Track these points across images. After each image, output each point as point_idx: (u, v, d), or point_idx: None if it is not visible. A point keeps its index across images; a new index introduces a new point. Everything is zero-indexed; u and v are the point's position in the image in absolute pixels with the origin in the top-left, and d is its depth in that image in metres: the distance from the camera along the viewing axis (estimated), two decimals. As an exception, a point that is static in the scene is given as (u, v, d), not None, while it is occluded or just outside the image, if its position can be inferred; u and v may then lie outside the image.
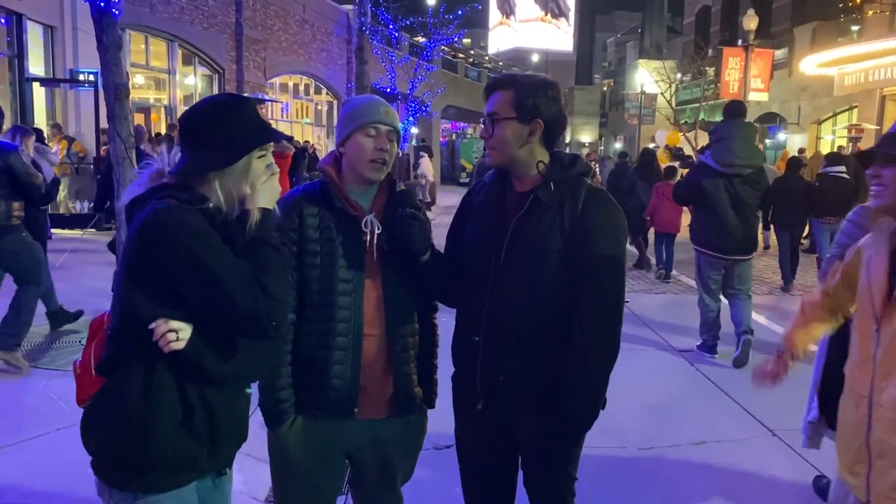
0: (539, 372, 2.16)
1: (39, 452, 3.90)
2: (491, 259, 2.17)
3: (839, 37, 23.25)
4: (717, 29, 34.02)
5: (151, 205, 1.71)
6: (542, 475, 2.29)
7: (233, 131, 1.74)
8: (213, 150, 1.73)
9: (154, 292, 1.68)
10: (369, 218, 2.16)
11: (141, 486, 1.78)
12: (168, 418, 1.74)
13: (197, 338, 1.71)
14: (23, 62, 13.31)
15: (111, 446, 1.77)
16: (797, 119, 25.26)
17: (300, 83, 27.49)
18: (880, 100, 20.89)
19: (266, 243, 1.75)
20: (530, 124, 2.13)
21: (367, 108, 2.17)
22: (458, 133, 45.39)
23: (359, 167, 2.15)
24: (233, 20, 21.10)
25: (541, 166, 2.16)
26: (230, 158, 1.74)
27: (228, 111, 1.77)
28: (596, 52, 59.92)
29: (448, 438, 2.50)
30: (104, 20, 5.44)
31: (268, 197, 1.81)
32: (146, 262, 1.68)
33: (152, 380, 1.72)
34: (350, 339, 2.13)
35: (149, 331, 1.68)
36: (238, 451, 2.03)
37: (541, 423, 2.19)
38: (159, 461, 1.76)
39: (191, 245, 1.64)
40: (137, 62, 17.91)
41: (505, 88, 2.16)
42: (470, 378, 2.27)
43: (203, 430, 1.79)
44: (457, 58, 42.06)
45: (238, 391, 1.91)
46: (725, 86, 24.06)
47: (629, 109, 35.69)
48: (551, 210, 2.13)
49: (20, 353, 5.28)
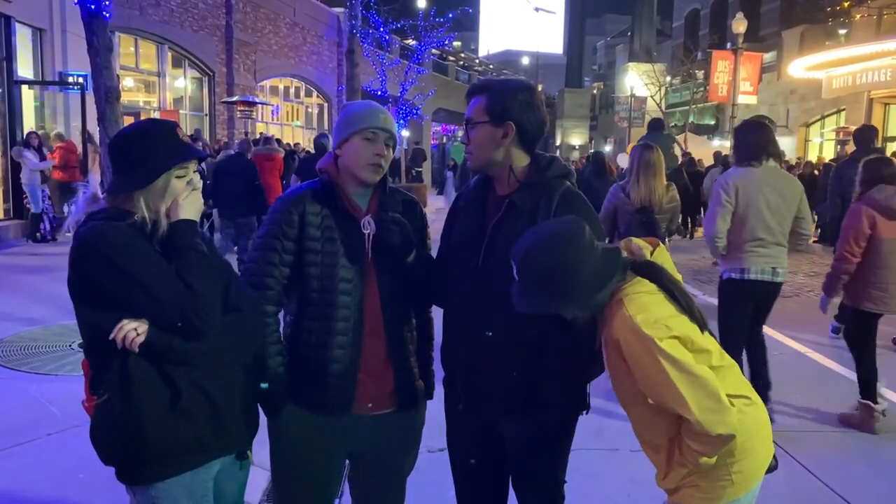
0: (517, 374, 2.18)
1: (30, 458, 3.87)
2: (471, 262, 2.21)
3: (827, 40, 23.43)
4: (707, 32, 34.22)
5: (79, 229, 1.89)
6: (529, 479, 2.31)
7: (150, 153, 1.90)
8: (134, 171, 1.90)
9: (99, 304, 1.83)
10: (367, 219, 2.21)
11: (151, 475, 1.89)
12: (153, 405, 1.83)
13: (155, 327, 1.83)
14: (11, 64, 13.21)
15: (112, 448, 1.88)
16: (786, 122, 25.43)
17: (291, 86, 27.45)
18: (868, 103, 21.07)
19: (191, 248, 1.90)
20: (502, 127, 2.17)
21: (367, 114, 2.21)
22: (449, 136, 45.43)
23: (356, 170, 2.19)
24: (223, 23, 21.05)
25: (513, 171, 2.20)
26: (149, 178, 1.89)
27: (146, 135, 1.93)
28: (586, 55, 60.08)
29: (441, 442, 2.50)
30: (94, 23, 5.42)
31: (190, 209, 1.94)
32: (82, 281, 1.85)
33: (127, 375, 1.83)
34: (349, 338, 2.16)
35: (112, 340, 1.80)
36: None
37: (524, 427, 2.22)
38: (159, 448, 1.86)
39: (110, 256, 1.79)
40: (127, 65, 17.84)
41: (480, 94, 2.22)
42: (453, 379, 2.33)
43: (199, 409, 1.89)
44: (447, 60, 42.14)
45: (231, 369, 1.99)
46: (714, 89, 24.21)
47: (619, 112, 35.83)
48: (525, 214, 2.15)
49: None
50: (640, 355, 1.82)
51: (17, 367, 5.32)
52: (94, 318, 1.84)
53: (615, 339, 1.86)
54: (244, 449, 2.10)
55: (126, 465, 1.91)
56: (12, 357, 5.55)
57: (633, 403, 1.99)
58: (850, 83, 20.38)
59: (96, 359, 1.90)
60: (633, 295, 1.87)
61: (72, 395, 2.06)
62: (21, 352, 5.71)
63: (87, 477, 3.49)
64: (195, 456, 1.93)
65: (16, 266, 6.96)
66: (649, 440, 2.05)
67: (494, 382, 2.21)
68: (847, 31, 23.37)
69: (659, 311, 1.85)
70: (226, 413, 1.95)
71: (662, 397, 1.85)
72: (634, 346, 1.83)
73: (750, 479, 2.02)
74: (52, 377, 5.12)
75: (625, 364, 1.88)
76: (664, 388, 1.82)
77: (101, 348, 1.83)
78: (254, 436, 2.13)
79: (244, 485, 2.17)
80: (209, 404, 1.91)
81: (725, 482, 1.97)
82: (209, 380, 1.91)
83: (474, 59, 54.56)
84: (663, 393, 1.84)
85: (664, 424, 1.97)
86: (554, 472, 2.30)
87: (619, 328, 1.84)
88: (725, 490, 1.97)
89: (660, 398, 1.86)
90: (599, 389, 2.39)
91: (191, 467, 1.92)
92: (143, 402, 1.82)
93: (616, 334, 1.85)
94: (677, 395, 1.81)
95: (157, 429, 1.84)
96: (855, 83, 20.17)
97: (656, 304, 1.87)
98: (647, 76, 30.80)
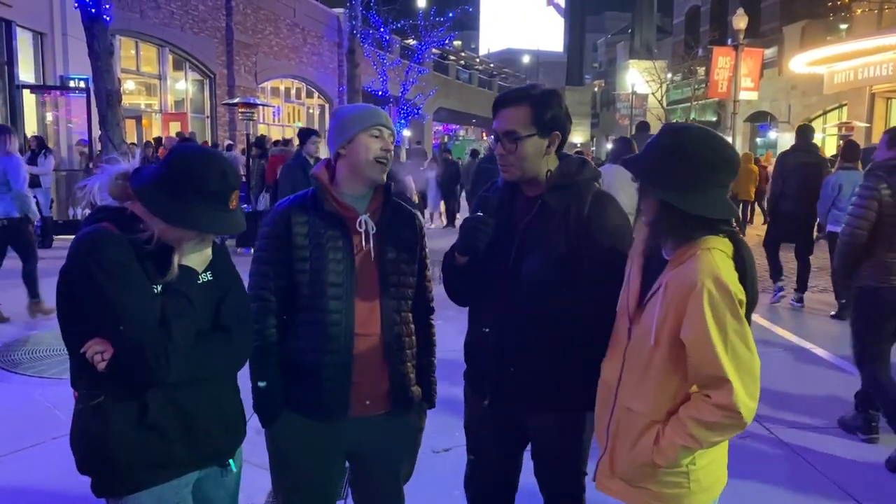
0: (548, 370, 2.22)
1: (34, 462, 3.87)
2: (503, 262, 2.23)
3: (828, 35, 23.39)
4: (707, 28, 34.16)
5: (83, 229, 1.82)
6: (551, 469, 2.35)
7: (194, 206, 1.78)
8: (171, 205, 1.78)
9: (73, 313, 1.79)
10: (363, 218, 2.20)
11: (121, 488, 1.84)
12: (121, 421, 1.79)
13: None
14: (13, 69, 13.26)
15: (84, 460, 1.85)
16: (787, 118, 25.38)
17: (291, 87, 27.48)
18: (869, 97, 21.02)
19: (183, 295, 1.81)
20: (549, 137, 2.19)
21: (370, 113, 2.23)
22: (451, 135, 45.43)
23: (364, 167, 2.18)
24: (223, 25, 21.08)
25: (549, 174, 2.22)
26: (176, 221, 1.78)
27: (204, 185, 1.79)
28: (586, 53, 60.07)
29: (445, 442, 2.50)
30: (95, 27, 5.44)
31: (195, 260, 1.88)
32: (65, 282, 1.79)
33: (99, 389, 1.79)
34: (342, 342, 2.17)
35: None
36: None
37: (550, 419, 2.28)
38: (127, 462, 1.80)
39: (95, 274, 1.71)
40: (128, 68, 17.88)
41: (518, 104, 2.18)
42: (480, 375, 2.34)
43: (169, 425, 1.83)
44: (448, 60, 42.13)
45: (209, 382, 1.93)
46: (714, 85, 24.16)
47: (620, 110, 35.81)
48: (558, 214, 2.19)
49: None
50: (714, 304, 1.78)
51: (20, 371, 5.33)
52: (68, 324, 1.81)
53: (689, 281, 1.81)
54: (226, 459, 2.03)
55: (96, 477, 1.86)
56: (16, 361, 5.56)
57: (656, 357, 1.91)
58: (851, 78, 20.32)
59: (72, 357, 1.85)
60: (720, 251, 1.86)
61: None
62: (24, 356, 5.72)
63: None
64: (167, 471, 1.86)
65: (16, 270, 6.95)
66: (644, 407, 1.95)
67: (526, 379, 2.25)
68: (848, 25, 23.31)
69: (735, 277, 1.84)
70: (201, 427, 1.88)
71: (705, 354, 1.79)
72: (713, 294, 1.79)
73: (708, 490, 1.96)
74: (55, 381, 5.12)
75: (675, 312, 1.84)
76: (715, 346, 1.78)
77: (74, 350, 1.80)
78: (239, 443, 2.08)
79: (236, 490, 2.11)
80: (180, 419, 1.84)
81: (682, 490, 1.92)
82: (183, 394, 1.84)
83: (475, 57, 54.49)
84: (711, 351, 1.79)
85: (673, 390, 1.91)
86: (577, 462, 2.34)
87: (702, 271, 1.80)
88: (681, 500, 1.93)
89: (702, 354, 1.80)
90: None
91: (162, 481, 1.85)
92: (110, 415, 1.78)
93: (694, 277, 1.81)
94: (723, 356, 1.78)
95: (125, 442, 1.79)
96: (856, 78, 20.12)
97: (733, 271, 1.86)
98: (647, 73, 30.79)
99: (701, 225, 1.85)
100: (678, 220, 1.85)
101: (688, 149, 1.85)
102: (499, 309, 2.25)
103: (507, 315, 2.23)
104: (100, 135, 6.83)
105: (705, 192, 1.85)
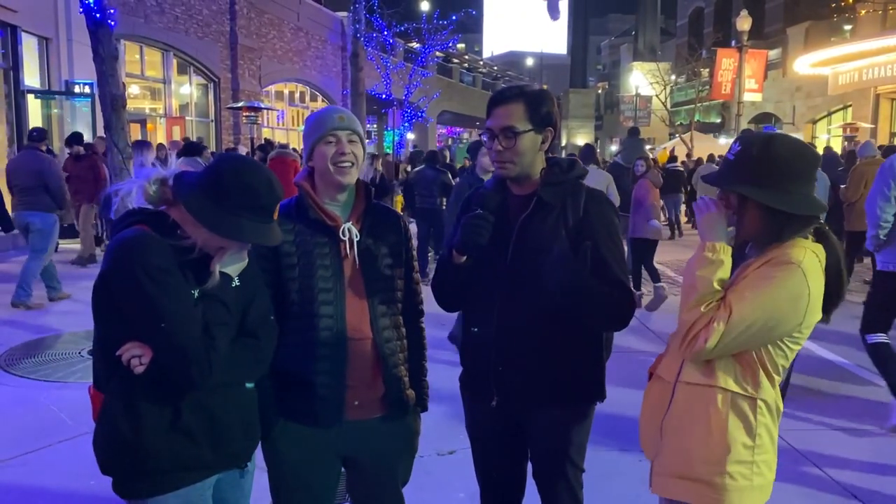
0: (549, 367, 2.25)
1: (41, 465, 3.89)
2: (498, 260, 2.25)
3: (832, 36, 23.37)
4: (711, 30, 34.15)
5: (123, 231, 1.81)
6: (553, 466, 2.37)
7: (239, 215, 1.80)
8: (220, 214, 1.79)
9: (114, 316, 1.79)
10: (346, 226, 2.22)
11: (147, 490, 1.85)
12: (155, 424, 1.80)
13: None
14: (18, 74, 13.31)
15: (111, 459, 1.85)
16: (792, 119, 25.35)
17: (295, 91, 27.54)
18: (874, 98, 20.98)
19: (221, 302, 1.85)
20: (543, 133, 2.24)
21: (322, 120, 2.24)
22: (455, 138, 45.48)
23: (327, 175, 2.21)
24: (227, 29, 21.13)
25: (543, 171, 2.28)
26: (227, 233, 1.81)
27: (255, 197, 1.82)
28: (590, 55, 60.07)
29: (450, 444, 2.50)
30: (100, 31, 5.46)
31: (232, 267, 1.90)
32: (105, 287, 1.78)
33: (133, 392, 1.79)
34: (333, 347, 2.18)
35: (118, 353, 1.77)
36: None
37: (551, 416, 2.30)
38: (156, 465, 1.82)
39: (142, 281, 1.71)
40: (133, 72, 17.93)
41: (514, 101, 2.23)
42: (482, 376, 2.35)
43: (199, 428, 1.86)
44: (451, 63, 42.17)
45: (235, 387, 1.97)
46: (718, 87, 24.15)
47: (624, 112, 35.78)
48: (555, 210, 2.24)
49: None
50: (785, 279, 1.82)
51: (27, 375, 5.34)
52: (107, 328, 1.82)
53: (785, 258, 1.85)
54: (245, 461, 2.07)
55: (122, 478, 1.87)
56: (23, 365, 5.58)
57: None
58: (856, 79, 20.31)
59: (102, 360, 1.86)
60: (813, 253, 1.88)
61: (82, 403, 2.06)
62: (31, 360, 5.73)
63: (98, 484, 3.49)
64: (193, 473, 1.89)
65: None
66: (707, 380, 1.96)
67: (528, 378, 2.27)
68: (852, 26, 23.29)
69: (822, 289, 1.88)
70: (227, 430, 1.92)
71: (745, 301, 1.82)
72: (793, 276, 1.82)
73: (765, 487, 2.01)
74: (62, 384, 5.14)
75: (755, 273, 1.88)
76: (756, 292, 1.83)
77: (107, 352, 1.80)
78: (255, 447, 2.12)
79: (249, 491, 2.16)
80: (211, 423, 1.88)
81: (744, 482, 1.96)
82: (211, 400, 1.87)
83: (478, 60, 54.53)
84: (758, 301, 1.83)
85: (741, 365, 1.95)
86: (575, 460, 2.37)
87: (797, 253, 1.85)
88: (742, 493, 1.96)
89: (747, 298, 1.83)
90: (611, 383, 2.44)
91: (188, 483, 1.88)
92: (144, 419, 1.79)
93: (788, 259, 1.85)
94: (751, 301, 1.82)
95: (156, 447, 1.81)
96: (861, 79, 20.10)
97: (821, 275, 1.89)
98: (651, 75, 30.75)
99: (790, 222, 1.89)
100: (770, 220, 1.89)
101: (778, 151, 1.89)
102: (498, 307, 2.27)
103: (507, 314, 2.25)
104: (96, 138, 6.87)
105: (797, 192, 1.88)
